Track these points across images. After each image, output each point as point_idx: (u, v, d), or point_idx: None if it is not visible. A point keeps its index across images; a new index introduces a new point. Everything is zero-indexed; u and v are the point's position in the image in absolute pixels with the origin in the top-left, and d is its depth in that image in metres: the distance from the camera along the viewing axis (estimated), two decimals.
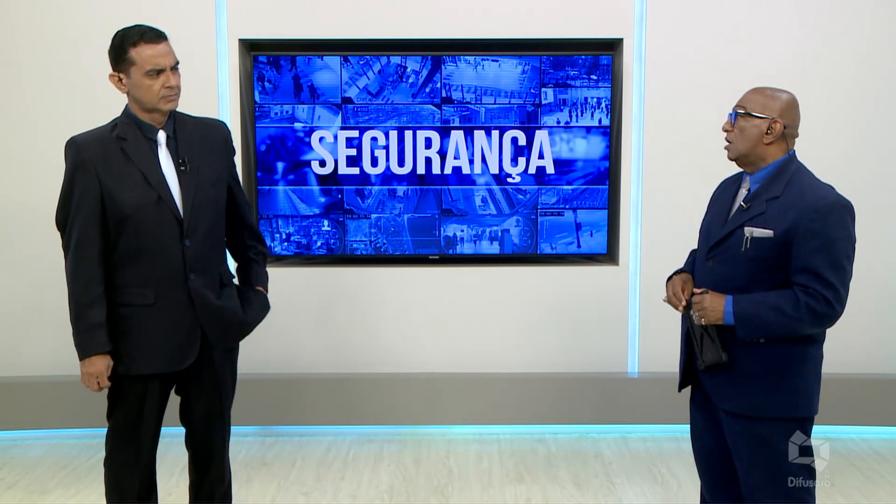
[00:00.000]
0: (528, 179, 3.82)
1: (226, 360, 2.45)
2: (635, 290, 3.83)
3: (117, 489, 2.38)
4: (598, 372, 3.86)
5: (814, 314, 2.01)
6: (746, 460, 2.15)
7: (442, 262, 3.88)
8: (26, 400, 3.73)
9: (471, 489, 3.27)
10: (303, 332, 3.83)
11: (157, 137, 2.29)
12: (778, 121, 2.08)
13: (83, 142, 2.26)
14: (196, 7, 3.64)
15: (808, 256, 2.01)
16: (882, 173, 3.77)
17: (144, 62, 2.20)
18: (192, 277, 2.30)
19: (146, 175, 2.25)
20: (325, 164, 3.80)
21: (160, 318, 2.28)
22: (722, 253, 2.14)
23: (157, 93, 2.22)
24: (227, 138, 2.46)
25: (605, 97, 3.75)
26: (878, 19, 3.68)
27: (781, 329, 2.04)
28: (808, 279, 2.01)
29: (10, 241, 3.75)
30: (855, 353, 3.83)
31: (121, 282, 2.28)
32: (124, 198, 2.22)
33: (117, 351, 2.28)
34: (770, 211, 2.07)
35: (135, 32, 2.23)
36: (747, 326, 2.05)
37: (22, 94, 3.68)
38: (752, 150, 2.11)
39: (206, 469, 2.51)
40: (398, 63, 3.73)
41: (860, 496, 3.18)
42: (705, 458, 2.33)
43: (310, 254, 3.88)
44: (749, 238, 2.07)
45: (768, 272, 2.07)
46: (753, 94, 2.13)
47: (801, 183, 2.09)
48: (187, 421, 2.47)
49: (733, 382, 2.13)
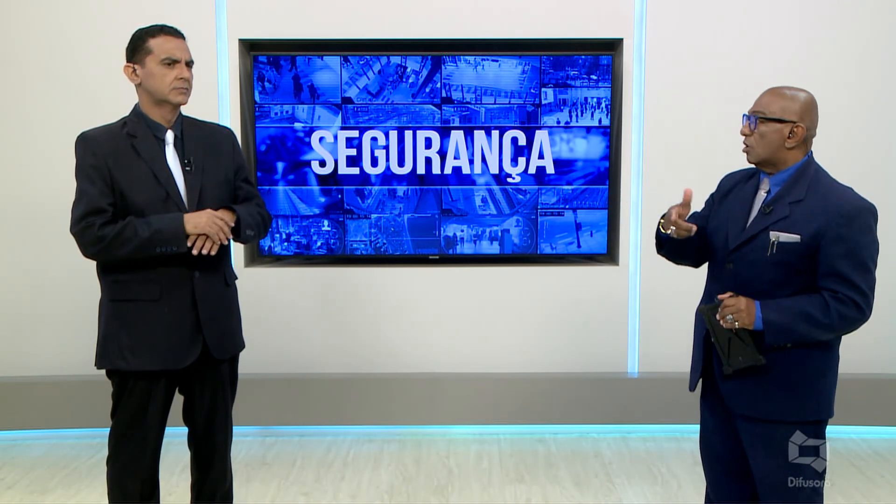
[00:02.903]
0: (528, 179, 3.82)
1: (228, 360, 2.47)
2: (635, 290, 3.83)
3: (119, 488, 2.38)
4: (598, 372, 3.86)
5: (844, 319, 1.99)
6: (763, 463, 2.13)
7: (442, 262, 3.88)
8: (26, 400, 3.73)
9: (471, 489, 3.27)
10: (303, 332, 3.83)
11: (165, 136, 2.31)
12: (800, 125, 2.04)
13: (94, 137, 2.28)
14: (196, 7, 3.64)
15: (836, 261, 1.98)
16: (882, 173, 3.77)
17: (161, 51, 2.24)
18: (196, 276, 2.31)
19: (155, 172, 2.27)
20: (325, 164, 3.80)
21: (164, 314, 2.29)
22: (744, 256, 2.10)
23: (170, 83, 2.25)
24: (233, 144, 2.49)
25: (605, 97, 3.75)
26: (877, 19, 3.69)
27: (811, 334, 2.01)
28: (836, 284, 1.99)
29: (11, 241, 3.75)
30: (855, 353, 3.82)
31: (126, 277, 2.28)
32: (134, 193, 2.24)
33: (119, 345, 2.28)
34: (794, 215, 2.03)
35: (156, 27, 2.28)
36: (776, 332, 2.01)
37: (22, 94, 3.68)
38: (774, 155, 2.08)
39: (207, 468, 2.51)
40: (398, 63, 3.73)
41: (860, 496, 3.18)
42: (712, 459, 2.32)
43: (310, 254, 3.88)
44: (775, 242, 2.03)
45: (792, 276, 2.05)
46: (772, 97, 2.07)
47: (824, 186, 2.06)
48: (190, 420, 2.48)
49: (754, 387, 2.10)
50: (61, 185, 3.68)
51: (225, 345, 2.42)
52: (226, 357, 2.44)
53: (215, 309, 2.37)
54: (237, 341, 2.50)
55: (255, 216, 2.44)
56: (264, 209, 2.53)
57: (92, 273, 2.37)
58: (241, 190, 2.47)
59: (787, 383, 2.07)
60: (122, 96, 3.61)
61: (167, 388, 2.37)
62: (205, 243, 2.25)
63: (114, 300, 2.30)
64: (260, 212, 2.49)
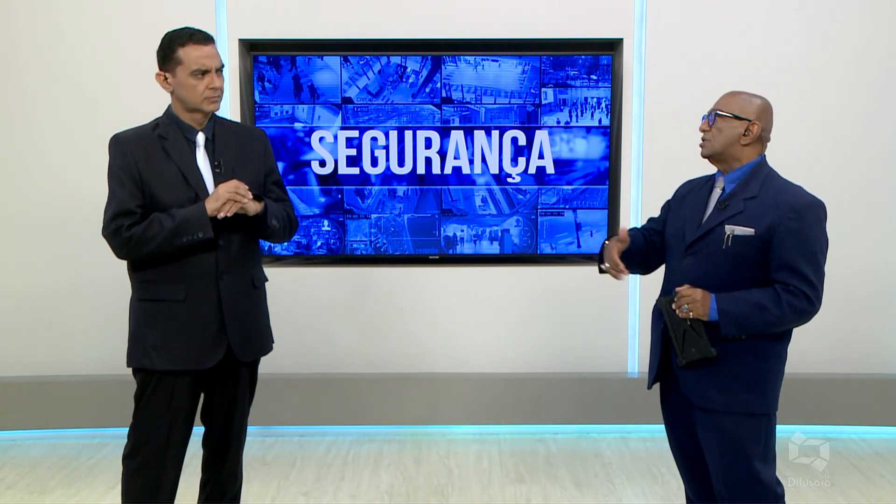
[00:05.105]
0: (528, 179, 3.82)
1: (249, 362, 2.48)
2: (635, 290, 3.83)
3: (133, 488, 2.36)
4: (598, 372, 3.86)
5: (794, 310, 2.07)
6: (718, 456, 2.18)
7: (442, 262, 3.88)
8: (27, 400, 3.72)
9: (471, 489, 3.27)
10: (303, 332, 3.83)
11: (195, 139, 2.33)
12: (756, 123, 2.15)
13: (126, 138, 2.30)
14: (196, 7, 3.64)
15: (787, 254, 2.07)
16: (882, 172, 3.77)
17: (191, 62, 2.24)
18: (223, 278, 2.32)
19: (185, 174, 2.29)
20: (325, 164, 3.80)
21: (189, 315, 2.30)
22: (701, 250, 2.18)
23: (202, 93, 2.26)
24: (266, 145, 2.49)
25: (605, 97, 3.75)
26: (877, 19, 3.68)
27: (764, 325, 2.09)
28: (788, 276, 2.07)
29: (12, 242, 3.75)
30: (855, 353, 3.83)
31: (153, 277, 2.30)
32: (163, 194, 2.26)
33: (145, 344, 2.30)
34: (748, 210, 2.12)
35: (184, 34, 2.27)
36: (731, 323, 2.09)
37: (22, 94, 3.68)
38: (728, 150, 2.17)
39: (219, 468, 2.52)
40: (398, 63, 3.73)
41: (860, 496, 3.18)
42: (684, 458, 2.37)
43: (310, 254, 3.88)
44: (730, 236, 2.12)
45: (748, 269, 2.12)
46: (731, 98, 2.19)
47: (776, 184, 2.16)
48: (208, 420, 2.49)
49: (710, 379, 2.16)
50: (61, 185, 3.70)
51: (250, 347, 2.42)
52: (250, 359, 2.45)
53: (241, 311, 2.37)
54: (264, 343, 2.51)
55: (281, 211, 2.44)
56: (293, 213, 2.53)
57: (93, 275, 2.37)
58: (271, 193, 2.47)
59: (737, 375, 2.14)
60: (122, 96, 3.64)
61: (192, 389, 2.36)
62: (232, 207, 2.24)
63: (142, 300, 2.33)
64: (287, 212, 2.49)
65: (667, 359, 2.27)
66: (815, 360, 3.74)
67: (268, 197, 2.44)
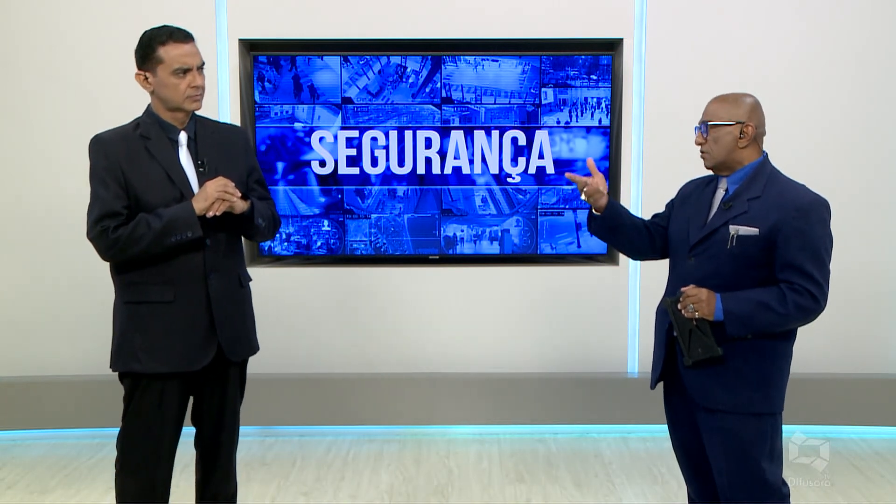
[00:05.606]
0: (528, 179, 3.82)
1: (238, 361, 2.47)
2: (635, 290, 3.83)
3: (127, 493, 2.35)
4: (598, 372, 3.86)
5: (800, 309, 2.06)
6: (723, 457, 2.18)
7: (442, 262, 3.88)
8: (26, 400, 3.73)
9: (471, 489, 3.27)
10: (303, 332, 3.83)
11: (178, 138, 2.31)
12: (749, 124, 2.14)
13: (107, 139, 2.27)
14: (196, 7, 3.64)
15: (792, 253, 2.06)
16: (882, 171, 3.77)
17: (172, 61, 2.21)
18: (211, 277, 2.30)
19: (169, 173, 2.27)
20: (325, 164, 3.80)
21: (179, 316, 2.28)
22: (705, 251, 2.18)
23: (183, 92, 2.24)
24: (246, 143, 2.49)
25: (605, 97, 3.75)
26: (876, 19, 3.68)
27: (769, 325, 2.09)
28: (793, 275, 2.07)
29: (8, 241, 3.75)
30: (855, 353, 3.83)
31: (139, 279, 2.28)
32: (148, 195, 2.24)
33: (133, 348, 2.28)
34: (752, 210, 2.12)
35: (164, 32, 2.24)
36: (736, 323, 2.08)
37: (22, 94, 3.68)
38: (729, 156, 2.17)
39: (212, 469, 2.51)
40: (398, 63, 3.73)
41: (860, 496, 3.18)
42: (686, 459, 2.37)
43: (310, 254, 3.88)
44: (735, 236, 2.12)
45: (752, 269, 2.12)
46: (718, 104, 2.19)
47: (780, 183, 2.16)
48: (199, 421, 2.48)
49: (716, 379, 2.15)
50: (62, 186, 3.70)
51: (239, 347, 2.41)
52: (240, 359, 2.44)
53: (230, 310, 2.36)
54: (252, 343, 2.50)
55: (266, 210, 2.44)
56: (276, 211, 2.53)
57: (92, 274, 2.37)
58: (253, 192, 2.46)
59: (743, 375, 2.13)
60: (122, 96, 3.61)
61: (181, 391, 2.35)
62: (221, 206, 2.23)
63: (128, 302, 2.30)
64: (272, 211, 2.49)
65: (670, 358, 2.26)
66: (815, 360, 3.74)
67: (251, 195, 2.44)
